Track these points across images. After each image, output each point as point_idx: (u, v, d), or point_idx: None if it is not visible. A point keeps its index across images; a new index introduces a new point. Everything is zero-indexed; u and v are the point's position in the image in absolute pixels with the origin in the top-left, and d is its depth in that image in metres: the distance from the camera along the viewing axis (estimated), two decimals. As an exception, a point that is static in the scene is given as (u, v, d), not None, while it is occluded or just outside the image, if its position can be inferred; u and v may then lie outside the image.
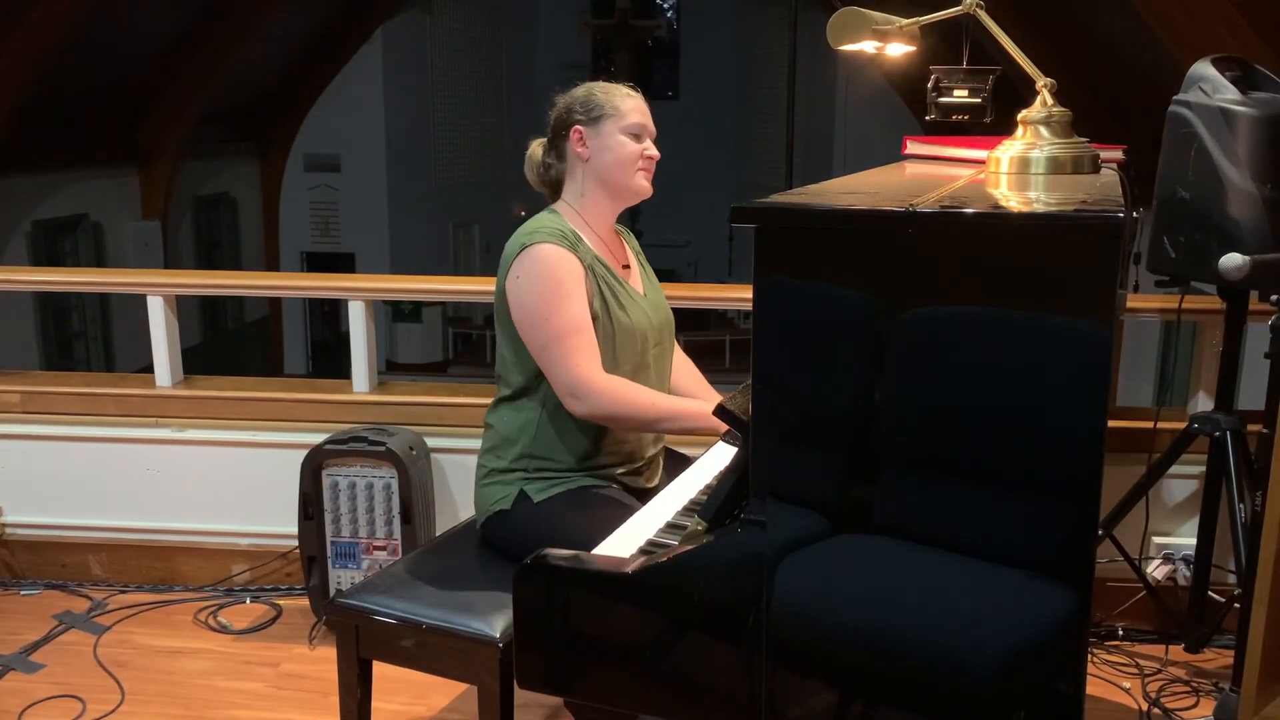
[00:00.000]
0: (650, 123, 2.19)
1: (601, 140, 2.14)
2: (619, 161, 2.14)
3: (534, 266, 2.05)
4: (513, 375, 2.15)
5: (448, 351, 14.95)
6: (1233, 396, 2.68)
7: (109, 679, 2.77)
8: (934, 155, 2.21)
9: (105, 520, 3.31)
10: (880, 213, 1.40)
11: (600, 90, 2.17)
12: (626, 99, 2.17)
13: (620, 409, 2.04)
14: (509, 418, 2.17)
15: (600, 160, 2.15)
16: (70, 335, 10.79)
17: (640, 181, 2.17)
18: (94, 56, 9.20)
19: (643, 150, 2.16)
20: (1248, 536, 2.49)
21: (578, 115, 2.15)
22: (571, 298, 2.04)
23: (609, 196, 2.19)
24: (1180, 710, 2.59)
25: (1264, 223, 2.36)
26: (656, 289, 2.32)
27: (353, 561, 2.96)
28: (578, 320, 2.04)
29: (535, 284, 2.04)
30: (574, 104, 2.17)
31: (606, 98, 2.15)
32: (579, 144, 2.15)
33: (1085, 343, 1.30)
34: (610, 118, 2.14)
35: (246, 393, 3.26)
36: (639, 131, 2.15)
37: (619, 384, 2.06)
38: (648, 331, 2.18)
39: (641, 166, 2.16)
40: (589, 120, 2.14)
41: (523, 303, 2.06)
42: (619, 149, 2.14)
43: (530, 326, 2.06)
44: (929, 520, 1.40)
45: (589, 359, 2.03)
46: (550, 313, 2.03)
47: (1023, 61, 1.79)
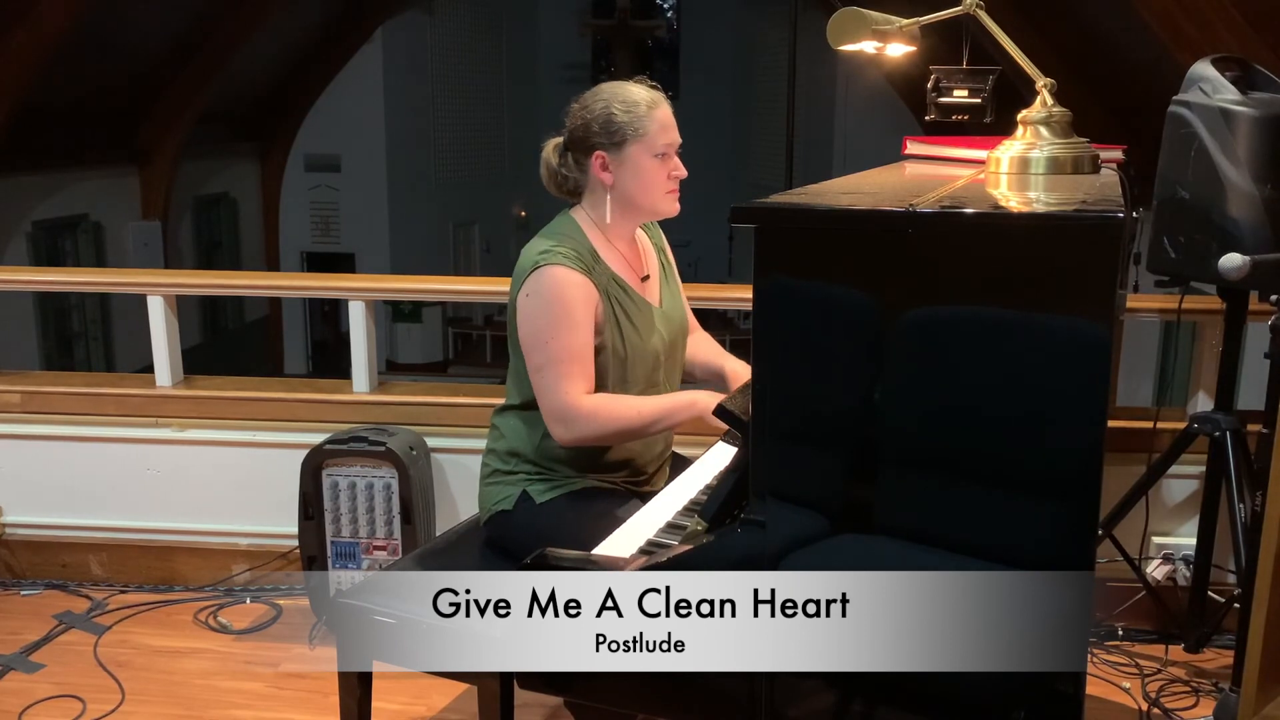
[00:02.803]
0: (675, 135, 2.08)
1: (626, 166, 2.05)
2: (645, 188, 2.06)
3: (545, 289, 2.00)
4: (524, 385, 2.11)
5: (448, 351, 14.95)
6: (1233, 396, 2.68)
7: (109, 679, 2.77)
8: (934, 155, 2.21)
9: (105, 520, 3.30)
10: (880, 213, 1.41)
11: (621, 107, 2.04)
12: (650, 115, 2.04)
13: (607, 428, 2.01)
14: (516, 426, 2.15)
15: (625, 186, 2.06)
16: (70, 335, 10.78)
17: (668, 204, 2.10)
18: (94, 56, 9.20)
19: (670, 172, 2.07)
20: (1248, 536, 2.48)
21: (599, 139, 2.05)
22: (577, 326, 2.00)
23: (633, 217, 2.13)
24: (1180, 710, 2.59)
25: (1264, 223, 2.36)
26: (674, 293, 2.26)
27: (353, 561, 2.96)
28: (578, 349, 2.00)
29: (544, 306, 2.00)
30: (593, 124, 2.05)
31: (629, 117, 2.03)
32: (602, 170, 2.06)
33: (1085, 343, 1.30)
34: (635, 140, 2.03)
35: (246, 393, 3.26)
36: (665, 151, 2.06)
37: (601, 402, 2.02)
38: (660, 351, 2.14)
39: (670, 189, 2.09)
40: (611, 144, 2.04)
41: (530, 321, 2.03)
42: (645, 175, 2.05)
43: (531, 346, 2.03)
44: (928, 520, 1.40)
45: (579, 386, 1.99)
46: (552, 337, 1.99)
47: (1023, 61, 1.79)
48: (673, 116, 2.09)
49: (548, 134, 2.18)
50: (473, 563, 2.17)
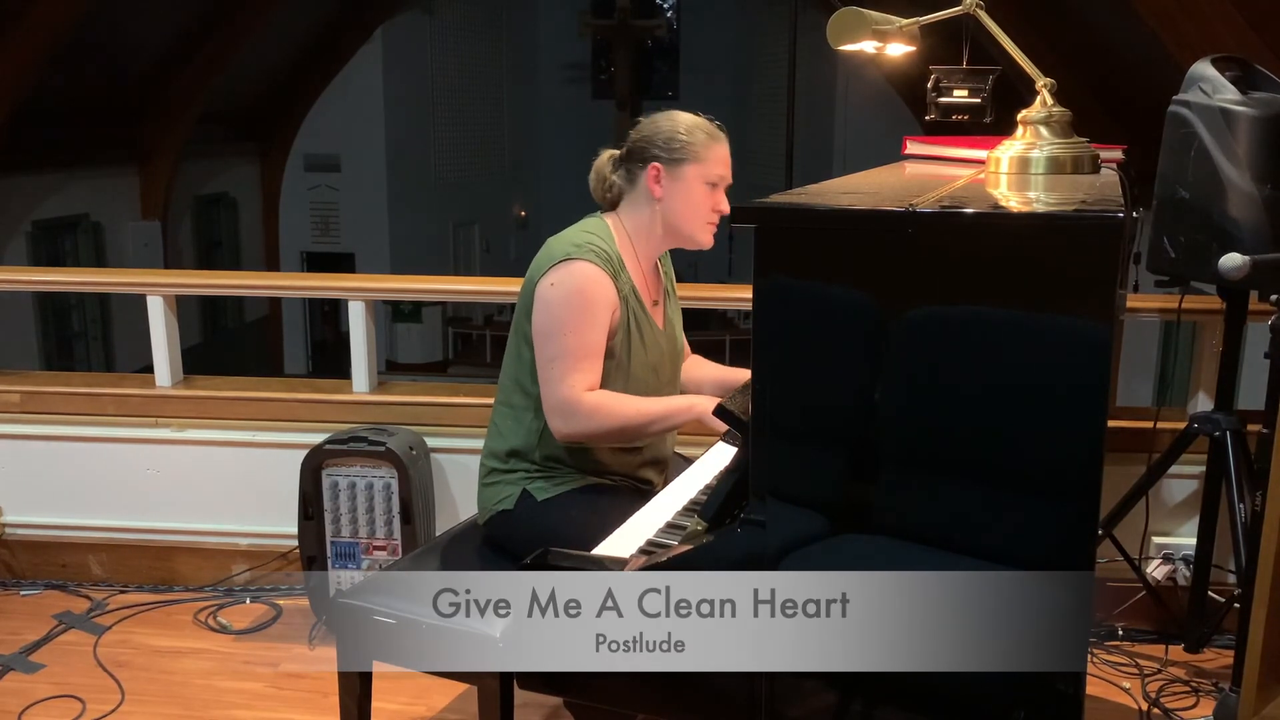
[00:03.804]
0: (729, 171, 2.11)
1: (679, 184, 2.08)
2: (691, 211, 2.09)
3: (572, 280, 2.02)
4: (524, 383, 2.12)
5: (448, 351, 14.94)
6: (1232, 396, 2.68)
7: (109, 679, 2.77)
8: (934, 155, 2.21)
9: (105, 520, 3.31)
10: (880, 213, 1.40)
11: (685, 128, 2.08)
12: (711, 144, 2.09)
13: (605, 425, 2.02)
14: (514, 425, 2.15)
15: (672, 204, 2.09)
16: (70, 335, 10.78)
17: (705, 234, 2.12)
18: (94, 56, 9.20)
19: (715, 204, 2.10)
20: (1248, 536, 2.49)
21: (658, 151, 2.08)
22: (595, 323, 2.02)
23: (667, 238, 2.15)
24: (1180, 710, 2.59)
25: (1264, 223, 2.36)
26: (674, 320, 2.28)
27: (353, 561, 2.96)
28: (593, 346, 2.02)
29: (568, 296, 2.01)
30: (656, 137, 2.09)
31: (691, 138, 2.07)
32: (654, 181, 2.09)
33: (1085, 342, 1.30)
34: (693, 163, 2.07)
35: (246, 393, 3.26)
36: (718, 182, 2.09)
37: (603, 400, 2.03)
38: (663, 366, 2.17)
39: (710, 220, 2.11)
40: (669, 160, 2.07)
41: (549, 310, 2.03)
42: (694, 197, 2.08)
43: (548, 335, 2.03)
44: (929, 520, 1.40)
45: (585, 381, 2.01)
46: (570, 329, 2.00)
47: (1023, 61, 1.79)
48: (730, 161, 2.12)
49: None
50: (473, 563, 2.17)
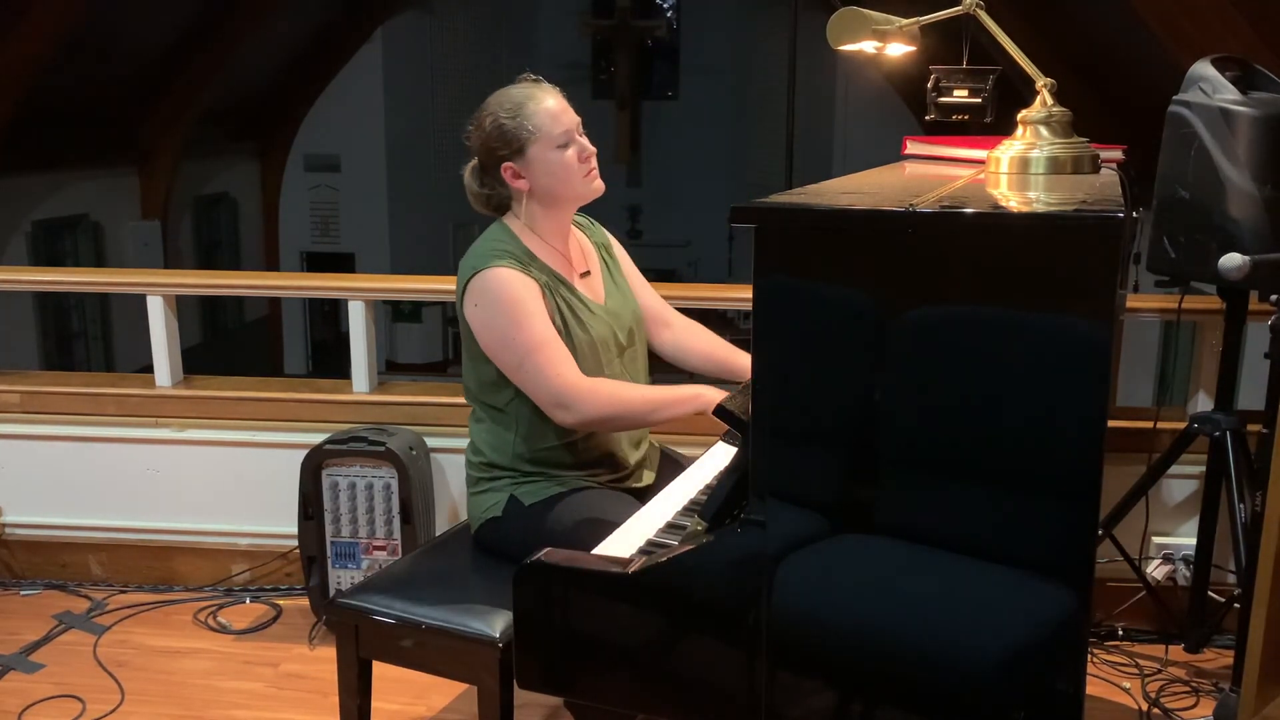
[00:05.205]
0: (571, 118, 2.07)
1: (535, 167, 2.05)
2: (562, 180, 2.07)
3: (490, 290, 2.01)
4: (486, 394, 2.12)
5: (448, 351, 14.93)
6: (1233, 396, 2.68)
7: (109, 679, 2.77)
8: (934, 155, 2.21)
9: (105, 520, 3.31)
10: (880, 213, 1.40)
11: (506, 114, 2.04)
12: (537, 111, 2.04)
13: (610, 409, 1.99)
14: (486, 438, 2.15)
15: (541, 185, 2.07)
16: (70, 335, 10.77)
17: (590, 186, 2.10)
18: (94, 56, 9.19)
19: (580, 155, 2.07)
20: (1248, 536, 2.49)
21: (500, 150, 2.06)
22: (534, 315, 2.00)
23: (560, 211, 2.13)
24: (1180, 710, 2.59)
25: (1264, 223, 2.36)
26: (621, 288, 2.25)
27: (353, 561, 2.96)
28: (545, 334, 1.99)
29: (495, 306, 2.00)
30: (490, 140, 2.07)
31: (516, 122, 2.04)
32: (514, 179, 2.08)
33: (1085, 342, 1.30)
34: (534, 141, 2.04)
35: (246, 393, 3.26)
36: (566, 140, 2.06)
37: (603, 384, 2.02)
38: (609, 341, 2.13)
39: (585, 171, 2.08)
40: (513, 152, 2.05)
41: (487, 327, 2.02)
42: (556, 168, 2.05)
43: (500, 348, 2.01)
44: (929, 520, 1.40)
45: (567, 367, 1.99)
46: (516, 331, 1.99)
47: (1023, 61, 1.79)
48: (561, 100, 2.08)
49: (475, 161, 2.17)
50: (472, 563, 2.17)
